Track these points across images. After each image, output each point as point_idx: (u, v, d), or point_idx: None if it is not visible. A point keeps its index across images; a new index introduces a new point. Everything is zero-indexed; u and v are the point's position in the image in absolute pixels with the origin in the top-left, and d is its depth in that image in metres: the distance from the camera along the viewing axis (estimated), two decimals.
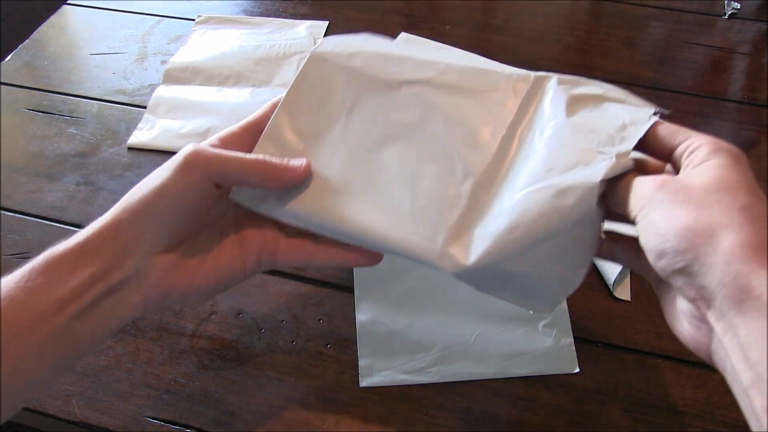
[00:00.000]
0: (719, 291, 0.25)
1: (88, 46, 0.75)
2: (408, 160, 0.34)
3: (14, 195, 0.58)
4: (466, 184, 0.33)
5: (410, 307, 0.48)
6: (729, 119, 0.66)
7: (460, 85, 0.35)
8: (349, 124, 0.35)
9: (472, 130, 0.34)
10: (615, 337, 0.47)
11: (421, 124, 0.34)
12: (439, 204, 0.33)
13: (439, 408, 0.44)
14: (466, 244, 0.32)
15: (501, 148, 0.34)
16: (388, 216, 0.33)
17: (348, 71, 0.36)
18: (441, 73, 0.35)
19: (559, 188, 0.30)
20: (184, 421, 0.43)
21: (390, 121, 0.35)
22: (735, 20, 0.79)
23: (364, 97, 0.35)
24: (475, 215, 0.32)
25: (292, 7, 0.80)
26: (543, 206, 0.30)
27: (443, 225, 0.33)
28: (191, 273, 0.33)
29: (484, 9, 0.83)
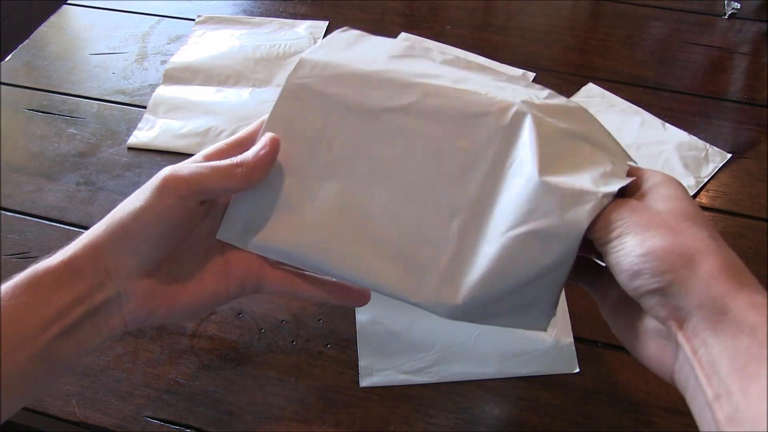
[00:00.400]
0: (696, 312, 0.26)
1: (88, 46, 0.75)
2: (394, 198, 0.33)
3: (14, 195, 0.58)
4: (454, 225, 0.32)
5: (410, 307, 0.48)
6: (729, 119, 0.66)
7: (443, 112, 0.33)
8: (331, 157, 0.34)
9: (457, 164, 0.33)
10: (615, 337, 0.47)
11: (405, 157, 0.33)
12: (428, 246, 0.32)
13: (439, 408, 0.44)
14: (456, 289, 0.32)
15: (486, 182, 0.32)
16: (376, 256, 0.33)
17: (327, 99, 0.34)
18: (423, 97, 0.33)
19: (544, 233, 0.29)
20: (184, 421, 0.43)
21: (373, 155, 0.33)
22: (735, 20, 0.79)
23: (344, 128, 0.34)
24: (463, 258, 0.32)
25: (292, 7, 0.80)
26: (529, 252, 0.30)
27: (433, 269, 0.32)
28: (173, 296, 0.33)
29: (484, 9, 0.83)
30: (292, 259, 0.34)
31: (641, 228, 0.28)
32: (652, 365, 0.30)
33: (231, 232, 0.34)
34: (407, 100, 0.33)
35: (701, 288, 0.26)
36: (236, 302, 0.49)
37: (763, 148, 0.62)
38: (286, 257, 0.34)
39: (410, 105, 0.33)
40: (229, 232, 0.34)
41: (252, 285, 0.35)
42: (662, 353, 0.29)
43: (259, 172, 0.32)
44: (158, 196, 0.31)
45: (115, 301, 0.31)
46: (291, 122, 0.34)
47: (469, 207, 0.32)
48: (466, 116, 0.33)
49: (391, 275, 0.33)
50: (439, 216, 0.32)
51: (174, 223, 0.32)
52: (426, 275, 0.32)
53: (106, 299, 0.31)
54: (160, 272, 0.33)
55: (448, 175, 0.33)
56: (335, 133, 0.34)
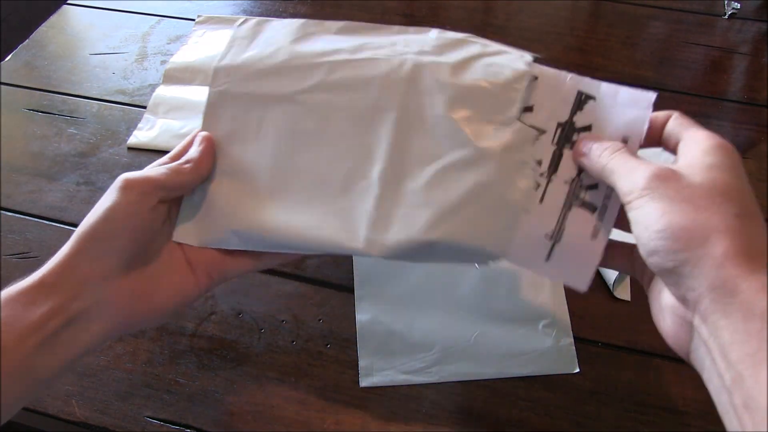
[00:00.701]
0: (708, 294, 0.25)
1: (88, 46, 0.75)
2: (320, 164, 0.37)
3: (14, 195, 0.58)
4: (374, 172, 0.36)
5: (410, 307, 0.48)
6: (729, 119, 0.66)
7: (347, 81, 0.37)
8: (261, 146, 0.37)
9: (368, 121, 0.36)
10: (615, 337, 0.47)
11: (323, 128, 0.37)
12: (355, 197, 0.36)
13: (439, 408, 0.44)
14: (387, 227, 0.34)
15: (397, 130, 0.36)
16: (313, 220, 0.36)
17: (246, 97, 0.38)
18: (328, 74, 0.37)
19: (462, 163, 0.34)
20: (184, 421, 0.43)
21: (295, 132, 0.37)
22: (735, 20, 0.79)
23: (267, 117, 0.37)
24: (390, 198, 0.35)
25: (292, 7, 0.80)
26: (450, 182, 0.34)
27: (363, 216, 0.35)
28: (148, 295, 0.34)
29: (484, 9, 0.83)
30: (244, 244, 0.37)
31: (665, 200, 0.27)
32: (669, 341, 0.30)
33: (185, 233, 0.37)
34: (315, 80, 0.37)
35: (713, 269, 0.25)
36: (236, 302, 0.49)
37: (763, 148, 0.62)
38: (238, 244, 0.37)
39: (318, 83, 0.37)
40: (183, 234, 0.37)
41: (218, 275, 0.37)
42: (679, 331, 0.28)
43: (204, 163, 0.36)
44: (122, 195, 0.33)
45: (93, 309, 0.32)
46: (221, 126, 0.38)
47: (386, 154, 0.36)
48: (368, 80, 0.37)
49: (329, 233, 0.35)
50: (360, 168, 0.36)
51: (139, 220, 0.33)
52: (358, 223, 0.35)
53: (83, 309, 0.32)
54: (132, 274, 0.34)
55: (363, 132, 0.36)
56: (260, 124, 0.38)
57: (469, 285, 0.49)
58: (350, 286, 0.50)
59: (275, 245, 0.36)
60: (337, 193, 0.36)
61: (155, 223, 0.35)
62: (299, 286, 0.51)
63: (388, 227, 0.35)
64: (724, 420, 0.26)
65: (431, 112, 0.35)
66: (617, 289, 0.50)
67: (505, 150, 0.35)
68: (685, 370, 0.45)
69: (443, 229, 0.34)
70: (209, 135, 0.37)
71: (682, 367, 0.45)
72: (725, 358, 0.24)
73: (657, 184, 0.28)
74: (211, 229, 0.37)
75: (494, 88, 0.35)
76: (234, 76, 0.38)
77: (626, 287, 0.50)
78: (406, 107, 0.36)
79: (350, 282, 0.50)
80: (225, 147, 0.38)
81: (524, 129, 0.35)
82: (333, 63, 0.37)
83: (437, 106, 0.35)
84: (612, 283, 0.49)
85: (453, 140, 0.35)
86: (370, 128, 0.36)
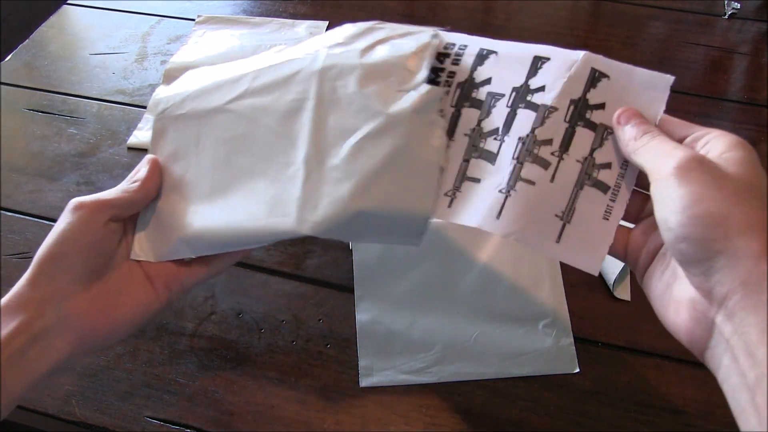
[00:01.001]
0: (739, 289, 0.24)
1: (88, 46, 0.75)
2: (253, 162, 0.39)
3: (14, 195, 0.58)
4: (299, 156, 0.37)
5: (410, 307, 0.48)
6: (729, 119, 0.66)
7: (268, 84, 0.40)
8: (200, 157, 0.40)
9: (290, 113, 0.39)
10: (615, 337, 0.47)
11: (252, 129, 0.39)
12: (286, 184, 0.37)
13: (439, 408, 0.44)
14: (316, 204, 0.36)
15: (315, 115, 0.38)
16: (250, 213, 0.38)
17: (184, 118, 0.41)
18: (252, 81, 0.40)
19: (377, 132, 0.36)
20: (184, 421, 0.43)
21: (229, 138, 0.40)
22: (735, 20, 0.79)
23: (203, 131, 0.41)
24: (315, 178, 0.37)
25: (292, 7, 0.80)
26: (368, 152, 0.36)
27: (293, 198, 0.37)
28: (110, 310, 0.36)
29: (484, 9, 0.83)
30: (194, 251, 0.39)
31: (704, 186, 0.26)
32: (681, 337, 0.28)
33: (141, 250, 0.39)
34: (242, 88, 0.40)
35: (750, 265, 0.24)
36: (236, 302, 0.49)
37: (763, 148, 0.62)
38: (189, 252, 0.39)
39: (245, 90, 0.40)
40: (139, 251, 0.39)
41: (177, 286, 0.39)
42: (696, 327, 0.27)
43: (150, 182, 0.39)
44: (72, 216, 0.35)
45: (56, 326, 0.34)
46: (165, 149, 0.41)
47: (308, 139, 0.38)
48: (288, 78, 0.39)
49: (265, 222, 0.37)
50: (287, 157, 0.38)
51: (90, 238, 0.35)
52: (290, 207, 0.37)
53: (46, 326, 0.33)
54: (93, 290, 0.36)
55: (287, 125, 0.39)
56: (198, 139, 0.41)
57: (469, 285, 0.49)
58: (350, 286, 0.50)
59: (221, 245, 0.38)
60: (269, 184, 0.38)
61: (109, 241, 0.37)
62: (299, 286, 0.51)
63: (317, 205, 0.36)
64: (740, 420, 0.25)
65: (344, 92, 0.38)
66: (617, 289, 0.50)
67: (415, 112, 0.36)
68: (685, 370, 0.45)
69: (366, 197, 0.36)
70: (154, 157, 0.41)
71: (682, 367, 0.45)
72: (751, 356, 0.24)
73: (695, 167, 0.26)
74: (164, 243, 0.39)
75: (400, 60, 0.37)
76: (172, 100, 0.42)
77: (626, 287, 0.50)
78: (321, 94, 0.38)
79: (350, 282, 0.50)
80: (169, 166, 0.41)
81: (432, 90, 0.36)
82: (257, 70, 0.41)
83: (349, 86, 0.37)
84: (612, 283, 0.49)
85: (366, 113, 0.36)
86: (293, 120, 0.39)
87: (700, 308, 0.27)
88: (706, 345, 0.27)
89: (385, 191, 0.36)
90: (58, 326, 0.34)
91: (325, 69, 0.39)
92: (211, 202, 0.39)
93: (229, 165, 0.39)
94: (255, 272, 0.52)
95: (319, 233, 0.36)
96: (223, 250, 0.39)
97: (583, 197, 0.34)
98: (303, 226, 0.36)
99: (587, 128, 0.34)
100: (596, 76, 0.35)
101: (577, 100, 0.34)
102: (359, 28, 0.41)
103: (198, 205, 0.39)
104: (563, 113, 0.35)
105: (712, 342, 0.26)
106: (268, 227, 0.37)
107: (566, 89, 0.35)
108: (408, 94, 0.36)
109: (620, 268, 0.49)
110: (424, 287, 0.49)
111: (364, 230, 0.37)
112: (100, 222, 0.36)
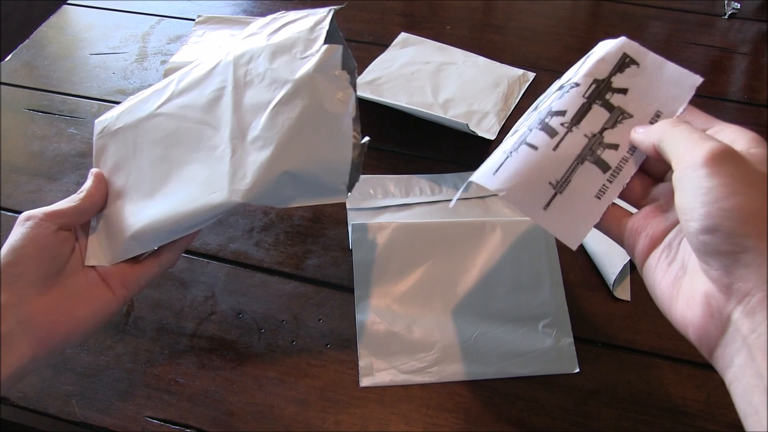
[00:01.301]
0: (763, 287, 0.24)
1: (88, 46, 0.75)
2: (186, 152, 0.42)
3: (14, 195, 0.58)
4: (224, 137, 0.40)
5: (410, 307, 0.48)
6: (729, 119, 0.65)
7: (190, 84, 0.43)
8: (138, 161, 0.43)
9: (213, 101, 0.42)
10: (615, 337, 0.47)
11: (181, 125, 0.42)
12: (216, 163, 0.40)
13: (439, 408, 0.44)
14: (244, 174, 0.39)
15: (234, 97, 0.41)
16: (189, 196, 0.40)
17: (121, 131, 0.44)
18: (178, 83, 0.44)
19: (287, 97, 0.39)
20: (184, 421, 0.43)
21: (162, 137, 0.43)
22: (735, 20, 0.79)
23: (138, 138, 0.44)
24: (240, 152, 0.39)
25: (292, 7, 0.80)
26: (283, 116, 0.39)
27: (223, 173, 0.39)
28: (69, 313, 0.38)
29: (484, 9, 0.83)
30: (144, 246, 0.41)
31: (736, 179, 0.25)
32: (689, 333, 0.27)
33: (94, 256, 0.41)
34: (169, 92, 0.44)
35: None
36: (236, 302, 0.49)
37: None
38: (139, 248, 0.41)
39: (172, 93, 0.44)
40: (93, 258, 0.41)
41: (133, 284, 0.41)
42: (708, 323, 0.26)
43: (95, 190, 0.42)
44: (23, 226, 0.37)
45: (17, 330, 0.35)
46: (108, 162, 0.44)
47: (230, 119, 0.41)
48: (206, 73, 0.43)
49: (203, 201, 0.39)
50: (213, 140, 0.41)
51: (42, 244, 0.37)
52: (222, 182, 0.39)
53: (6, 331, 0.35)
54: (51, 294, 0.37)
55: (209, 112, 0.42)
56: (135, 145, 0.44)
57: (469, 285, 0.49)
58: (350, 286, 0.50)
59: (167, 234, 0.40)
60: (202, 168, 0.41)
61: (60, 248, 0.39)
62: (299, 286, 0.51)
63: (245, 174, 0.39)
64: (750, 421, 0.24)
65: (256, 72, 0.41)
66: (617, 289, 0.50)
67: (317, 71, 0.39)
68: (685, 370, 0.45)
69: (288, 157, 0.38)
70: (98, 170, 0.44)
71: (682, 367, 0.45)
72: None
73: (727, 160, 0.26)
74: (115, 246, 0.41)
75: (302, 33, 0.41)
76: (111, 118, 0.45)
77: (626, 287, 0.50)
78: (237, 79, 0.42)
79: (350, 282, 0.50)
80: (113, 178, 0.44)
81: (329, 48, 0.39)
82: (181, 75, 0.45)
83: (260, 66, 0.41)
84: (612, 283, 0.49)
85: (277, 83, 0.40)
86: (215, 108, 0.42)
87: (715, 303, 0.26)
88: (718, 342, 0.26)
89: (304, 149, 0.39)
90: (19, 330, 0.35)
91: (238, 57, 0.42)
92: (152, 197, 0.41)
93: (165, 161, 0.42)
94: (255, 272, 0.52)
95: (250, 199, 0.38)
96: (169, 238, 0.41)
97: (581, 172, 0.34)
98: (234, 196, 0.38)
99: (604, 108, 0.35)
100: (626, 62, 0.36)
101: (600, 81, 0.35)
102: (267, 19, 0.45)
103: (142, 203, 0.42)
104: (584, 89, 0.35)
105: (724, 339, 0.26)
106: (205, 204, 0.39)
107: (593, 69, 0.35)
108: (311, 59, 0.40)
109: (620, 268, 0.49)
110: (424, 287, 0.49)
111: (294, 191, 0.39)
112: (49, 230, 0.38)
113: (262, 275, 0.51)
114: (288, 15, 0.44)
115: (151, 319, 0.48)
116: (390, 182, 0.58)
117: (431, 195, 0.57)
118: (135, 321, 0.48)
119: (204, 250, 0.53)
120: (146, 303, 0.49)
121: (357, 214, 0.55)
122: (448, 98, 0.66)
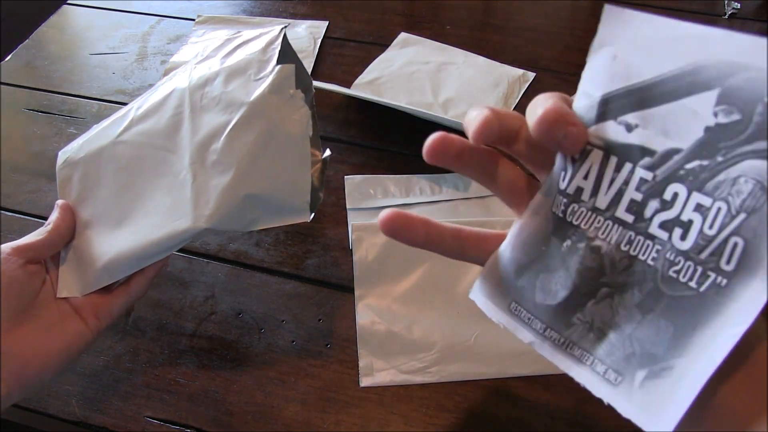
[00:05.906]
0: None
1: (88, 46, 0.75)
2: (150, 180, 0.42)
3: (14, 195, 0.58)
4: (185, 163, 0.40)
5: (410, 307, 0.48)
6: None
7: (148, 112, 0.44)
8: (103, 189, 0.43)
9: (172, 127, 0.42)
10: None
11: (142, 152, 0.43)
12: (179, 189, 0.40)
13: (439, 408, 0.44)
14: (207, 199, 0.39)
15: (192, 123, 0.41)
16: (154, 225, 0.40)
17: (84, 160, 0.45)
18: (137, 110, 0.44)
19: (244, 117, 0.39)
20: (184, 421, 0.43)
21: (125, 166, 0.43)
22: (735, 20, 0.79)
23: (101, 167, 0.44)
24: (201, 178, 0.39)
25: (292, 7, 0.80)
26: (241, 138, 0.39)
27: (186, 200, 0.39)
28: (43, 345, 0.38)
29: (484, 9, 0.83)
30: (114, 276, 0.41)
31: None
32: None
33: (66, 288, 0.41)
34: (129, 120, 0.44)
35: None
36: (236, 302, 0.49)
37: None
38: (109, 278, 0.41)
39: (131, 120, 0.44)
40: (65, 289, 0.41)
41: (105, 314, 0.41)
42: None
43: (61, 222, 0.42)
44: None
45: None
46: (73, 192, 0.44)
47: (189, 145, 0.41)
48: (163, 99, 0.43)
49: (167, 228, 0.39)
50: (174, 166, 0.41)
51: (11, 279, 0.37)
52: (186, 209, 0.39)
53: None
54: (22, 328, 0.37)
55: (169, 139, 0.42)
56: (98, 174, 0.44)
57: (469, 285, 0.49)
58: (350, 286, 0.50)
59: (136, 263, 0.40)
60: (165, 195, 0.41)
61: (29, 281, 0.39)
62: (299, 286, 0.51)
63: (208, 199, 0.39)
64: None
65: (212, 96, 0.42)
66: None
67: (272, 92, 0.39)
68: None
69: (249, 181, 0.39)
70: (64, 201, 0.44)
71: None
72: None
73: None
74: (86, 276, 0.41)
75: (254, 55, 0.42)
76: (72, 150, 0.46)
77: None
78: (194, 104, 0.42)
79: (350, 282, 0.50)
80: (79, 208, 0.44)
81: (283, 68, 0.40)
82: (141, 101, 0.45)
83: (215, 89, 0.42)
84: None
85: (233, 106, 0.40)
86: (175, 134, 0.42)
87: None
88: None
89: (264, 171, 0.39)
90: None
91: (193, 82, 0.43)
92: (119, 227, 0.41)
93: (129, 190, 0.42)
94: (255, 272, 0.52)
95: (214, 224, 0.38)
96: (139, 266, 0.41)
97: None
98: (199, 221, 0.38)
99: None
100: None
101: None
102: (220, 40, 0.46)
103: (109, 233, 0.42)
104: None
105: None
106: (170, 232, 0.39)
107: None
108: (264, 80, 0.40)
109: None
110: (424, 287, 0.49)
111: (257, 213, 0.39)
112: (16, 264, 0.38)
113: (262, 275, 0.51)
114: (241, 35, 0.45)
115: (151, 319, 0.48)
116: (390, 182, 0.58)
117: (431, 195, 0.57)
118: (135, 321, 0.48)
119: (204, 250, 0.53)
120: (146, 303, 0.49)
121: (357, 214, 0.55)
122: (448, 98, 0.66)
